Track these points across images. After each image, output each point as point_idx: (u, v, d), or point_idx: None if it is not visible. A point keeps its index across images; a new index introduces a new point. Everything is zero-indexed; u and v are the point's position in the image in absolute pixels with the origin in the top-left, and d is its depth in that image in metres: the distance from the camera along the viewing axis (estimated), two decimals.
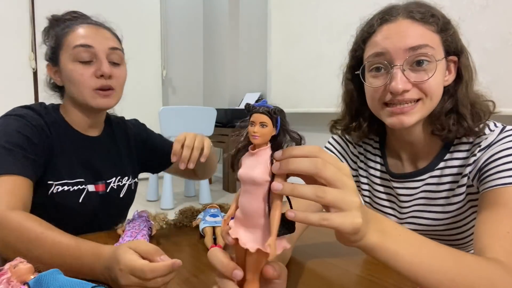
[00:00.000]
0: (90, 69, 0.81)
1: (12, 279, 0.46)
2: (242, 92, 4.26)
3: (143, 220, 0.79)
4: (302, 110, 3.30)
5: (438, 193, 0.73)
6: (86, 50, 0.80)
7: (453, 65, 0.68)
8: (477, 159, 0.66)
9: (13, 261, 0.48)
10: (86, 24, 0.84)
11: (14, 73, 3.42)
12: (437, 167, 0.72)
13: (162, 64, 4.34)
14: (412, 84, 0.64)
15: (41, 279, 0.45)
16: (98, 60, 0.82)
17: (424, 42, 0.63)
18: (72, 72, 0.81)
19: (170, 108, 2.79)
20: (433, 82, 0.64)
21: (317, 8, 3.14)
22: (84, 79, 0.81)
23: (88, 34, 0.82)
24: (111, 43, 0.84)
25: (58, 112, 0.88)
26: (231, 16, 4.25)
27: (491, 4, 2.02)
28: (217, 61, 4.51)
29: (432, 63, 0.63)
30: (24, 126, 0.77)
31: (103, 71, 0.81)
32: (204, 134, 3.47)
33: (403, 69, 0.64)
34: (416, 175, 0.74)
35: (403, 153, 0.77)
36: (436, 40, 0.65)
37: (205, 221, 0.79)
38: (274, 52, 3.66)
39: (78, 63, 0.81)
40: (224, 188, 3.68)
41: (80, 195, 0.83)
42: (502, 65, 1.95)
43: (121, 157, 0.97)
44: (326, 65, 3.03)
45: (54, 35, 0.86)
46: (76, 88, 0.82)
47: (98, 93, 0.82)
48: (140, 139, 1.04)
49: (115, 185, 0.92)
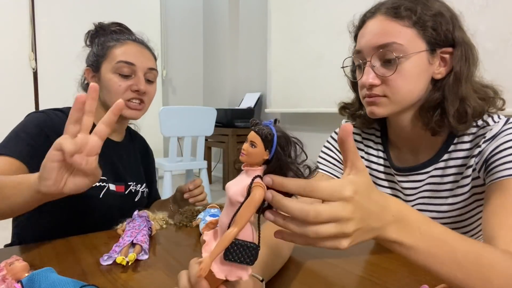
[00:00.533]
0: (128, 82, 0.90)
1: (7, 276, 0.47)
2: (242, 92, 4.26)
3: (143, 220, 0.79)
4: (302, 110, 3.30)
5: (443, 185, 0.73)
6: (128, 66, 0.90)
7: (449, 56, 0.67)
8: (482, 150, 0.66)
9: (9, 259, 0.49)
10: (132, 42, 0.94)
11: (14, 73, 3.42)
12: (442, 159, 0.72)
13: (162, 64, 4.34)
14: (382, 80, 0.67)
15: (33, 277, 0.46)
16: (136, 77, 0.91)
17: (390, 40, 0.65)
18: (111, 82, 0.90)
19: (170, 108, 2.79)
20: (400, 79, 0.65)
21: (317, 8, 3.13)
22: (121, 90, 0.89)
23: (132, 52, 0.92)
24: (150, 63, 0.95)
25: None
26: (231, 16, 4.25)
27: (491, 4, 2.02)
28: (217, 61, 4.51)
29: (402, 60, 0.65)
30: (45, 121, 0.83)
31: (139, 88, 0.90)
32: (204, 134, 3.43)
33: (372, 65, 0.67)
34: (421, 168, 0.74)
35: (404, 147, 0.77)
36: (408, 34, 0.65)
37: (205, 221, 0.79)
38: (274, 52, 3.66)
39: (118, 75, 0.90)
40: (224, 188, 3.68)
41: (101, 191, 0.88)
42: (502, 65, 1.95)
43: (138, 165, 1.05)
44: (326, 65, 3.02)
45: (100, 43, 0.94)
46: (111, 95, 0.90)
47: (130, 104, 0.91)
48: (149, 168, 1.14)
49: (133, 189, 0.98)
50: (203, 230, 0.50)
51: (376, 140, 0.83)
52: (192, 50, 4.71)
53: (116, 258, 0.62)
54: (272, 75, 3.69)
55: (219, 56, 4.46)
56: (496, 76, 0.77)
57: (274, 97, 3.69)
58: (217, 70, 4.52)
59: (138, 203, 1.00)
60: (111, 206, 0.90)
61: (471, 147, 0.69)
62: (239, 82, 4.34)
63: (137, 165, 1.05)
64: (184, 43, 4.62)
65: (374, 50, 0.66)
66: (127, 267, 0.62)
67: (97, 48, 0.94)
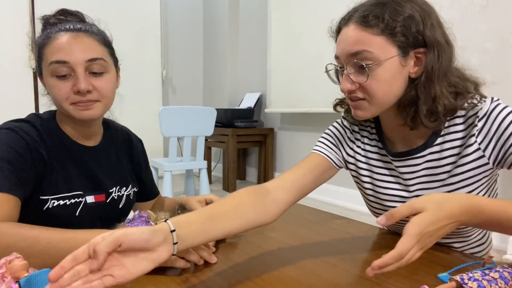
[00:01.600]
0: (68, 84, 0.77)
1: (6, 274, 0.46)
2: (242, 92, 4.26)
3: (143, 221, 0.78)
4: (302, 110, 3.30)
5: (441, 167, 0.75)
6: (61, 66, 0.76)
7: (423, 56, 0.68)
8: (480, 128, 0.69)
9: (8, 256, 0.48)
10: (64, 33, 0.78)
11: (14, 73, 3.42)
12: (435, 143, 0.75)
13: (162, 64, 4.34)
14: (356, 85, 0.70)
15: (31, 279, 0.45)
16: (75, 75, 0.77)
17: (361, 48, 0.67)
18: (51, 88, 0.78)
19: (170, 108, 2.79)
20: (375, 82, 0.68)
21: (317, 8, 3.14)
22: (62, 95, 0.77)
23: (64, 46, 0.76)
24: (90, 53, 0.78)
25: (55, 121, 0.85)
26: (231, 16, 4.25)
27: (491, 4, 2.02)
28: (217, 61, 4.51)
29: (372, 66, 0.67)
30: (16, 140, 0.74)
31: (79, 88, 0.76)
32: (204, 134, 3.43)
33: (348, 72, 0.70)
34: (415, 153, 0.77)
35: (396, 137, 0.80)
36: (377, 42, 0.67)
37: None
38: (274, 52, 3.66)
39: (55, 78, 0.77)
40: (224, 188, 3.68)
41: (77, 208, 0.82)
42: (502, 65, 1.95)
43: (121, 165, 0.95)
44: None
45: (37, 43, 0.81)
46: (57, 102, 0.80)
47: (78, 106, 0.79)
48: (138, 159, 1.03)
49: (116, 195, 0.91)
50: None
51: (371, 131, 0.85)
52: (192, 50, 4.71)
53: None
54: (272, 75, 3.69)
55: (219, 56, 4.46)
56: (496, 76, 0.78)
57: (274, 97, 3.69)
58: (217, 70, 4.53)
59: (123, 209, 0.93)
60: (92, 219, 0.84)
61: (465, 127, 0.72)
62: (239, 82, 4.34)
63: (120, 166, 0.95)
64: (184, 43, 4.62)
65: (348, 58, 0.70)
66: None
67: (36, 50, 0.81)
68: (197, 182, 3.44)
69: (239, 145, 3.74)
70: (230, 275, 0.60)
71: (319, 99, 3.12)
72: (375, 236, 0.81)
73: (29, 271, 0.48)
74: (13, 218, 0.69)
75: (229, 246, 0.75)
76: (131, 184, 0.97)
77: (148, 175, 1.06)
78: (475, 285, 0.51)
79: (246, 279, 0.59)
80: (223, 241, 0.78)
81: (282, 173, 0.81)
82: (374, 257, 0.69)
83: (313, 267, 0.64)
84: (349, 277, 0.60)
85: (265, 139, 3.84)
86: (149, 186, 1.07)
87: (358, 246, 0.75)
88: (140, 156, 1.03)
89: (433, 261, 0.67)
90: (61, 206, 0.79)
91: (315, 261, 0.66)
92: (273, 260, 0.67)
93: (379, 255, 0.70)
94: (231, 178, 3.58)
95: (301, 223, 0.91)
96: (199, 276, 0.60)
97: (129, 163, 0.99)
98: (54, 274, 0.41)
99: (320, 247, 0.74)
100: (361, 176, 0.86)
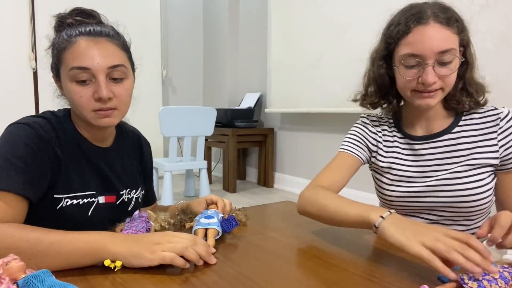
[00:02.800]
0: (89, 90, 0.76)
1: (3, 276, 0.46)
2: (242, 92, 4.26)
3: (142, 220, 0.78)
4: (302, 110, 3.30)
5: (457, 151, 0.88)
6: (83, 72, 0.75)
7: (465, 51, 0.85)
8: (504, 128, 0.85)
9: (5, 258, 0.48)
10: (84, 37, 0.76)
11: (14, 73, 3.42)
12: (453, 130, 0.90)
13: (162, 64, 4.34)
14: (439, 77, 0.80)
15: (29, 280, 0.45)
16: (96, 81, 0.76)
17: (450, 46, 0.78)
18: (71, 93, 0.77)
19: (170, 108, 2.79)
20: (453, 75, 0.81)
21: (317, 8, 3.14)
22: (83, 101, 0.76)
23: (85, 52, 0.75)
24: (112, 60, 0.77)
25: (69, 119, 0.84)
26: (231, 16, 4.25)
27: (491, 4, 2.02)
28: (217, 61, 4.51)
29: (454, 61, 0.80)
30: (32, 137, 0.73)
31: (100, 95, 0.75)
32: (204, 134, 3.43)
33: (433, 66, 0.80)
34: (436, 136, 0.91)
35: (419, 126, 0.93)
36: (456, 41, 0.80)
37: (199, 222, 0.78)
38: (274, 52, 3.66)
39: (76, 83, 0.76)
40: (224, 188, 3.68)
41: (90, 207, 0.81)
42: (502, 65, 1.95)
43: (132, 168, 0.95)
44: (326, 65, 3.03)
45: (56, 45, 0.79)
46: (77, 108, 0.78)
47: (99, 114, 0.78)
48: (146, 163, 1.03)
49: (126, 197, 0.91)
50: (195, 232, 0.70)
51: (390, 124, 0.99)
52: (192, 50, 4.72)
53: (105, 261, 0.61)
54: (272, 75, 3.69)
55: (219, 56, 4.46)
56: (496, 76, 0.83)
57: (274, 97, 3.69)
58: (217, 70, 4.53)
59: (132, 212, 0.91)
60: (101, 221, 0.84)
61: (484, 123, 0.87)
62: (239, 82, 4.34)
63: (132, 168, 0.95)
64: (184, 43, 4.62)
65: (435, 54, 0.79)
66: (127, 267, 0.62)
67: (55, 52, 0.79)
68: (197, 182, 3.44)
69: (239, 145, 3.74)
70: (230, 275, 0.60)
71: (319, 99, 3.12)
72: (376, 236, 0.81)
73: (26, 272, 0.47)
74: (17, 219, 0.68)
75: (229, 246, 0.75)
76: (140, 187, 0.96)
77: (150, 180, 1.07)
78: (475, 285, 0.51)
79: (246, 279, 0.59)
80: (223, 241, 0.78)
81: (323, 174, 0.93)
82: (374, 257, 0.69)
83: (313, 267, 0.64)
84: (349, 277, 0.60)
85: (265, 139, 3.84)
86: (150, 191, 1.07)
87: (358, 246, 0.75)
88: (148, 161, 1.04)
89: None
90: (75, 206, 0.79)
91: (315, 261, 0.67)
92: (273, 260, 0.67)
93: (379, 255, 0.70)
94: (231, 178, 3.58)
95: (301, 223, 0.91)
96: (199, 276, 0.60)
97: (139, 165, 1.00)
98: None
99: (320, 247, 0.74)
100: (379, 162, 0.97)
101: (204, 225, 0.77)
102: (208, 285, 0.57)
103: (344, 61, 2.85)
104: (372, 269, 0.63)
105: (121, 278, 0.59)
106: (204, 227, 0.76)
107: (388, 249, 0.73)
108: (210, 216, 0.80)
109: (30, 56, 3.47)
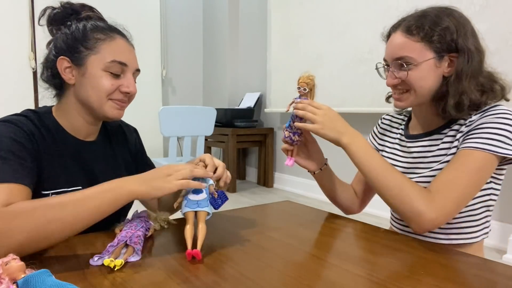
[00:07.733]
0: (118, 82, 0.85)
1: (3, 276, 0.46)
2: (242, 92, 4.26)
3: (141, 220, 0.78)
4: None
5: (440, 150, 0.90)
6: (120, 66, 0.85)
7: (456, 59, 0.84)
8: (472, 120, 0.83)
9: (5, 258, 0.48)
10: (121, 38, 0.88)
11: (14, 73, 3.42)
12: (443, 131, 0.91)
13: (162, 64, 4.34)
14: (398, 79, 0.87)
15: (29, 280, 0.45)
16: (125, 77, 0.86)
17: (403, 54, 0.85)
18: (101, 80, 0.83)
19: (170, 108, 2.79)
20: (412, 78, 0.85)
21: (317, 8, 3.14)
22: (110, 89, 0.84)
23: (126, 52, 0.87)
24: (137, 64, 0.91)
25: (51, 115, 0.86)
26: (231, 16, 4.25)
27: (491, 4, 2.02)
28: (217, 61, 4.51)
29: (411, 65, 0.84)
30: (17, 132, 0.75)
31: (130, 90, 0.86)
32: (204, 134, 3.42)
33: (392, 70, 0.88)
34: (425, 136, 0.94)
35: (420, 126, 0.98)
36: (417, 48, 0.84)
37: (188, 200, 0.74)
38: (274, 52, 3.66)
39: (109, 73, 0.84)
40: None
41: None
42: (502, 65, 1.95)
43: (117, 161, 0.96)
44: (326, 65, 3.02)
45: (81, 31, 0.84)
46: (96, 93, 0.84)
47: (117, 103, 0.86)
48: (135, 149, 1.04)
49: None
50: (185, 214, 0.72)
51: (402, 123, 1.06)
52: (192, 50, 4.72)
53: (104, 260, 0.61)
54: (272, 75, 3.69)
55: (219, 56, 4.46)
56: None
57: (274, 97, 3.69)
58: (217, 70, 4.53)
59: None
60: None
61: (464, 122, 0.86)
62: (239, 82, 4.34)
63: (117, 159, 0.97)
64: (184, 43, 4.62)
65: (393, 59, 0.87)
66: (127, 267, 0.62)
67: (77, 36, 0.84)
68: None
69: (239, 145, 3.74)
70: (230, 275, 0.60)
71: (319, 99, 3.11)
72: (376, 236, 0.81)
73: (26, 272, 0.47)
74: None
75: (229, 246, 0.75)
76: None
77: (145, 160, 1.07)
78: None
79: (246, 279, 0.59)
80: (223, 241, 0.78)
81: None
82: (374, 257, 0.69)
83: (313, 267, 0.64)
84: (349, 277, 0.60)
85: (265, 139, 3.84)
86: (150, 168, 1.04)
87: (358, 246, 0.75)
88: (135, 145, 1.05)
89: (433, 261, 0.67)
90: None
91: (315, 261, 0.67)
92: (273, 260, 0.67)
93: (380, 255, 0.70)
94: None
95: (301, 222, 0.91)
96: (199, 276, 0.60)
97: (127, 154, 1.01)
98: None
99: (320, 247, 0.74)
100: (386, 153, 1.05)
101: (193, 207, 0.73)
102: (208, 285, 0.57)
103: (344, 61, 2.85)
104: (372, 269, 0.63)
105: (121, 278, 0.59)
106: (193, 210, 0.73)
107: (388, 249, 0.73)
108: (199, 191, 0.76)
109: (29, 56, 3.47)
